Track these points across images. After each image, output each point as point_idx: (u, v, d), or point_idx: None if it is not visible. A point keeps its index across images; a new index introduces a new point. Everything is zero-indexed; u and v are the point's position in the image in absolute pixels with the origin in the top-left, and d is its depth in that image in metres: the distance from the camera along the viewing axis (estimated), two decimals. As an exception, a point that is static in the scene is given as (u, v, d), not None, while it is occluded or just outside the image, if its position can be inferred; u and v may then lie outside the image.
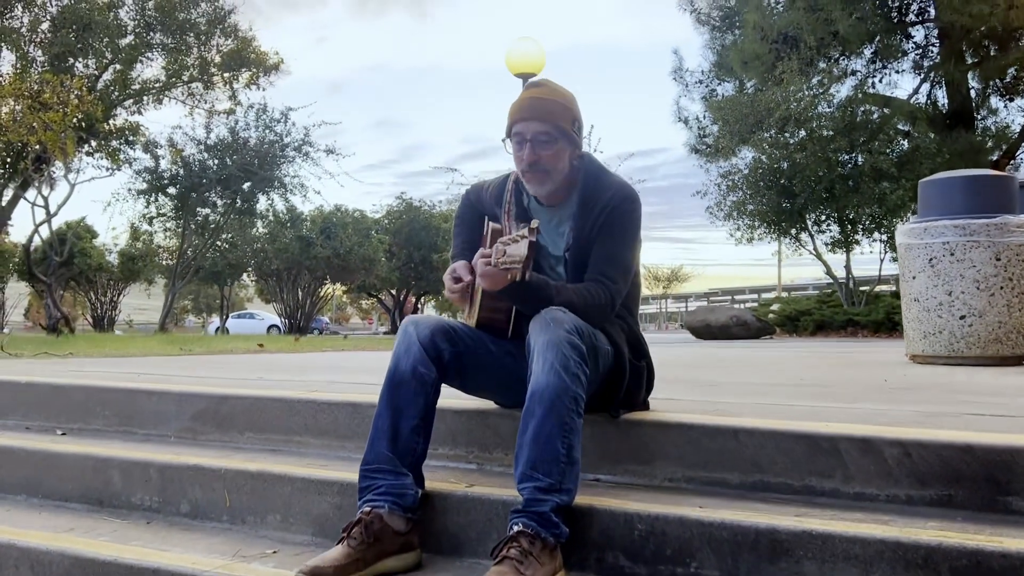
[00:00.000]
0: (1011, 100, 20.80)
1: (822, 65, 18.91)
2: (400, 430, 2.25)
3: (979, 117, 20.00)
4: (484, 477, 2.47)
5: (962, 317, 5.33)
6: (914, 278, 5.57)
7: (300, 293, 27.16)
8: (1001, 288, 5.27)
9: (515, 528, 1.98)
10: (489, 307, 2.47)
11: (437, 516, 2.29)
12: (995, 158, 18.87)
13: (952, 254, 5.35)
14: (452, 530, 2.27)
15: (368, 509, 2.16)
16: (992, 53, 19.02)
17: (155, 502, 2.71)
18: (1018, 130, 20.37)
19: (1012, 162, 19.55)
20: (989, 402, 2.92)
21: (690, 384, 3.62)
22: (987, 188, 5.42)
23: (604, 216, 2.41)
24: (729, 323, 15.77)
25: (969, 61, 18.98)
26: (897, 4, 19.80)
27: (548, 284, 2.28)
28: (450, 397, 2.49)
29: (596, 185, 2.46)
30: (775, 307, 19.84)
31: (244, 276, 31.96)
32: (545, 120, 2.40)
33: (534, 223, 2.04)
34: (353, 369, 4.69)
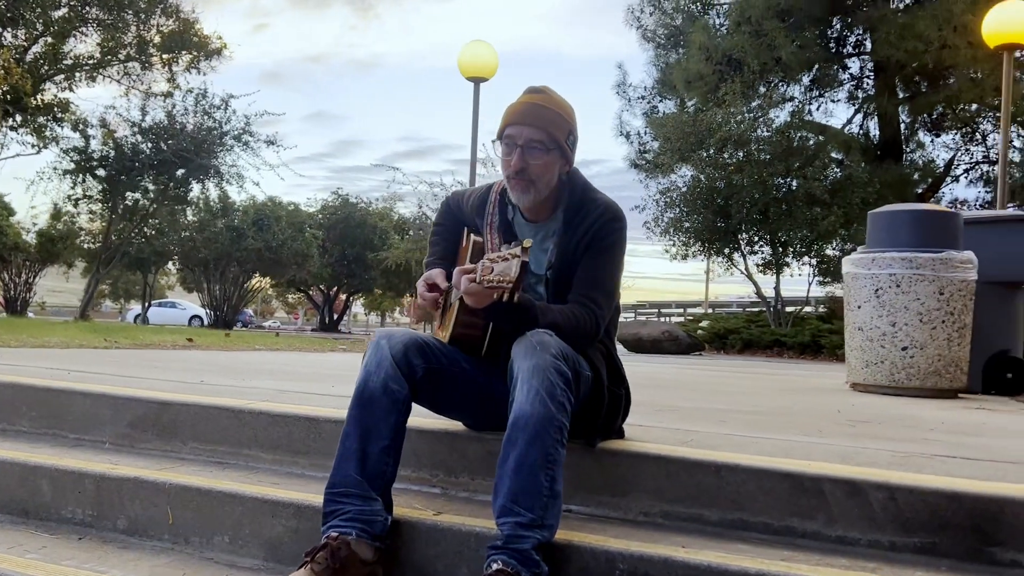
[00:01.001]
0: (937, 136, 21.60)
1: (762, 89, 19.29)
2: (369, 452, 2.12)
3: (908, 150, 20.71)
4: (450, 503, 2.35)
5: (904, 348, 5.41)
6: (859, 307, 5.63)
7: (227, 285, 26.44)
8: (943, 322, 5.37)
9: (494, 566, 1.87)
10: (465, 323, 2.36)
11: (403, 545, 2.16)
12: (920, 191, 19.54)
13: (898, 286, 5.43)
14: (419, 562, 2.14)
15: (335, 535, 2.02)
16: (923, 89, 19.71)
17: (89, 516, 2.51)
18: (942, 165, 21.16)
19: (936, 195, 20.26)
20: (953, 442, 2.92)
21: (649, 408, 3.56)
22: (934, 223, 5.52)
23: (590, 235, 2.32)
24: (661, 337, 15.88)
25: (901, 96, 19.61)
26: (836, 36, 20.37)
27: (533, 305, 2.18)
28: (414, 415, 2.37)
29: (582, 202, 2.37)
30: (704, 323, 20.10)
31: (169, 264, 30.98)
32: (540, 128, 2.30)
33: (527, 242, 1.93)
34: (302, 376, 4.50)
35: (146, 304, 31.50)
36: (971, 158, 21.86)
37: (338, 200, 32.23)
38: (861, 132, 20.95)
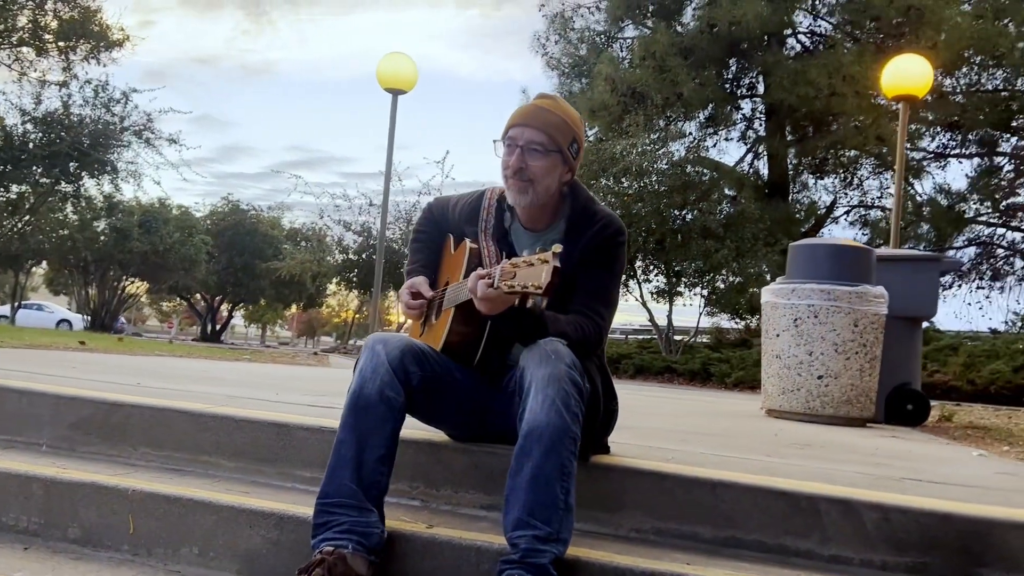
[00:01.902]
0: (821, 178, 22.80)
1: (661, 123, 19.90)
2: (365, 460, 2.02)
3: (794, 190, 21.75)
4: (437, 516, 2.27)
5: (820, 377, 5.62)
6: (778, 336, 5.82)
7: (106, 288, 25.08)
8: (856, 353, 5.61)
9: (511, 582, 1.80)
10: (460, 331, 2.29)
11: (396, 560, 2.07)
12: (805, 229, 20.53)
13: (816, 316, 5.64)
14: (414, 577, 2.05)
15: (330, 548, 1.91)
16: (809, 134, 20.78)
17: (36, 524, 2.30)
18: (823, 207, 22.32)
19: (817, 235, 21.33)
20: (904, 466, 3.04)
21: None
22: (851, 258, 5.77)
23: (594, 247, 2.30)
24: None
25: (789, 138, 20.61)
26: (731, 77, 21.26)
27: (544, 313, 2.14)
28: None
29: (585, 213, 2.35)
30: (598, 349, 20.42)
31: (44, 263, 29.17)
32: (541, 130, 2.27)
33: (557, 247, 1.89)
34: (235, 382, 4.28)
35: (15, 305, 29.53)
36: (849, 201, 23.18)
37: (228, 206, 31.20)
38: (752, 171, 21.88)
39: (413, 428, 2.41)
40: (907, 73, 9.14)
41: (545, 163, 2.28)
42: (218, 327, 35.21)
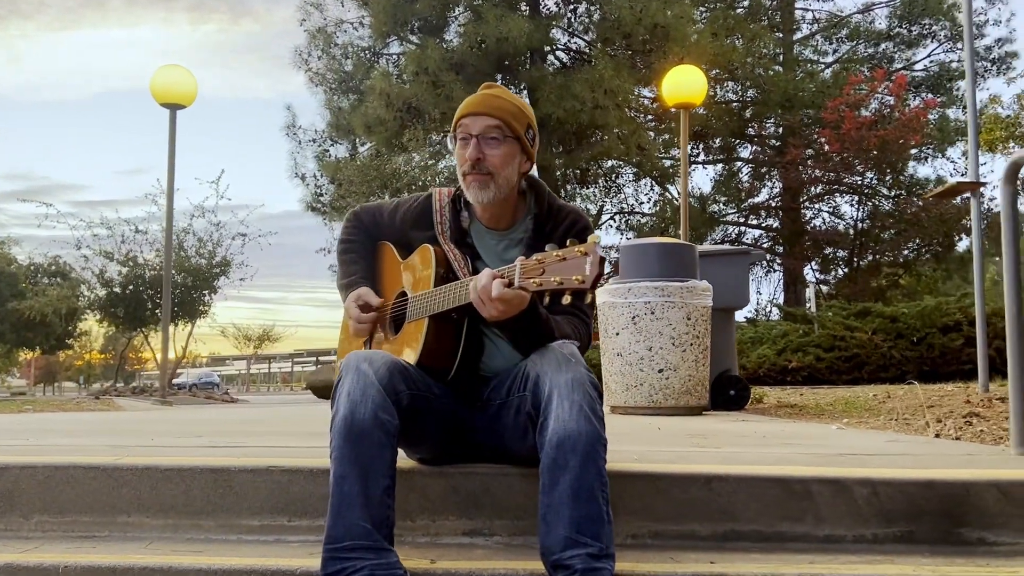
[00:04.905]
0: (586, 188, 24.01)
1: (435, 138, 20.04)
2: (371, 494, 1.78)
3: (563, 199, 22.71)
4: (424, 550, 2.03)
5: (660, 371, 5.82)
6: (617, 334, 5.97)
7: None
8: (691, 345, 5.87)
9: (578, 608, 1.63)
10: (435, 344, 2.08)
11: (410, 603, 1.82)
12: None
13: (652, 313, 5.85)
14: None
15: (354, 600, 1.63)
16: (573, 146, 21.80)
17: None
18: (591, 215, 23.51)
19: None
20: (807, 443, 3.17)
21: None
22: (679, 255, 6.05)
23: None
24: (354, 382, 15.68)
25: (559, 150, 21.50)
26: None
27: (548, 315, 1.98)
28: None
29: (552, 209, 2.23)
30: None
31: None
32: (496, 116, 2.14)
33: (595, 237, 1.75)
34: (57, 431, 3.68)
35: None
36: (610, 208, 24.62)
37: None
38: (525, 182, 22.57)
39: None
40: (685, 83, 9.80)
41: (503, 151, 2.14)
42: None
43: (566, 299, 1.72)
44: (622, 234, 23.90)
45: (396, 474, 1.86)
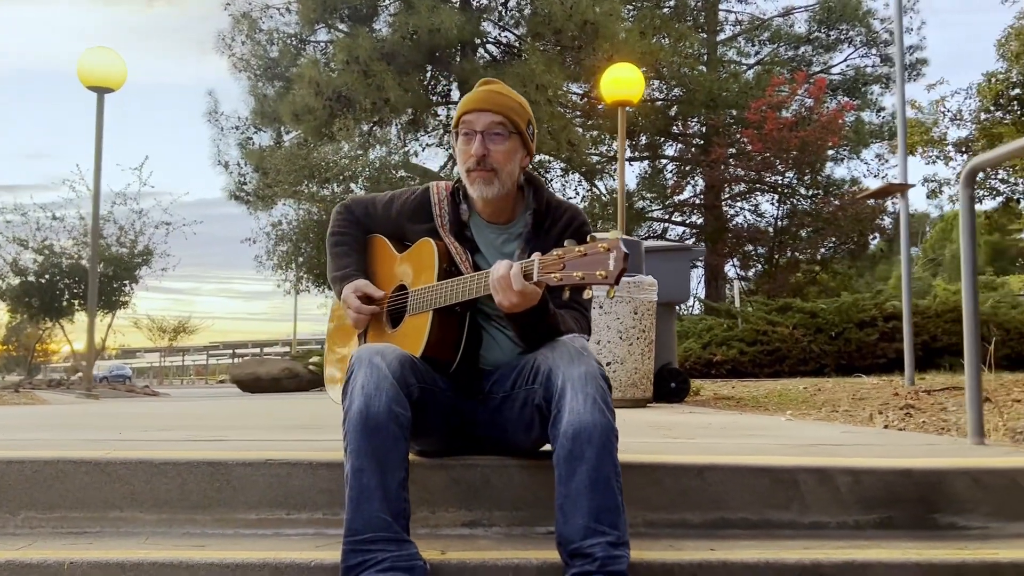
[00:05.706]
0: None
1: (365, 127, 19.82)
2: (389, 487, 1.80)
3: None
4: (420, 541, 2.05)
5: (608, 364, 5.92)
6: (565, 329, 6.04)
7: None
8: (637, 338, 5.99)
9: (601, 596, 1.67)
10: (440, 337, 2.10)
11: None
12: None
13: (601, 307, 5.94)
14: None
15: (378, 591, 1.64)
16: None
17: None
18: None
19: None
20: (781, 435, 3.29)
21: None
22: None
23: (566, 238, 2.21)
24: (281, 375, 15.41)
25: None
26: (427, 83, 21.71)
27: (556, 310, 2.02)
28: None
29: (551, 204, 2.27)
30: (314, 360, 19.90)
31: None
32: (500, 112, 2.16)
33: (615, 232, 1.79)
34: (71, 427, 3.54)
35: None
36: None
37: None
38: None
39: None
40: (623, 81, 9.94)
41: (507, 147, 2.17)
42: None
43: (566, 294, 1.77)
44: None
45: (410, 466, 1.87)
